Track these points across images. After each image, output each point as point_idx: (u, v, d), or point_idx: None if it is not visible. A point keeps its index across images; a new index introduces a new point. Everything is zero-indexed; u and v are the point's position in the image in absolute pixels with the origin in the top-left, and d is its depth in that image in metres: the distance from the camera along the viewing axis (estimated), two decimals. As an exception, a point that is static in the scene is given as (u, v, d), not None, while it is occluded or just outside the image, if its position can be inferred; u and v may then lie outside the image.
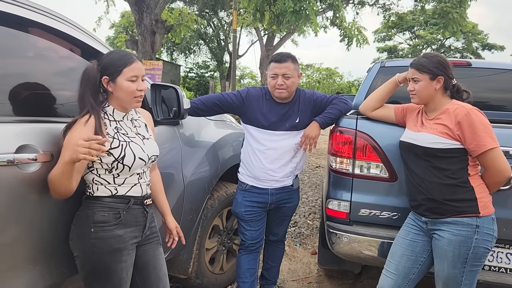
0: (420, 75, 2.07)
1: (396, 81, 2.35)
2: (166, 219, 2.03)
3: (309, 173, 7.46)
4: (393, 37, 33.47)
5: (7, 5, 1.58)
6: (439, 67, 2.06)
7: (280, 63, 2.43)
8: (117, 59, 1.69)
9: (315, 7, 13.05)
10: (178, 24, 16.42)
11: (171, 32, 16.44)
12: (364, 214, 2.42)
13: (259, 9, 13.86)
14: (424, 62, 2.08)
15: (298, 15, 12.42)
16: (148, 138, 1.83)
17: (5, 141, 1.48)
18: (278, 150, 2.53)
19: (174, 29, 16.29)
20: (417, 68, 2.09)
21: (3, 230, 1.48)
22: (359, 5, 18.76)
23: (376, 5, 19.14)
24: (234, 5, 16.26)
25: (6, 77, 1.64)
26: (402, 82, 2.34)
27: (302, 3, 12.16)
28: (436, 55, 2.11)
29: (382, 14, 19.78)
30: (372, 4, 19.03)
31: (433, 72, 2.05)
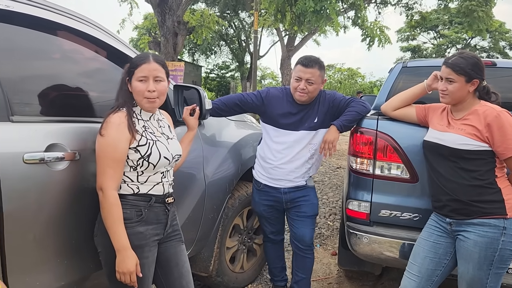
0: (456, 76, 1.99)
1: (425, 87, 2.29)
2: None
3: (329, 174, 7.43)
4: (417, 37, 32.88)
5: (39, 10, 1.65)
6: (475, 69, 1.99)
7: (306, 68, 2.43)
8: (134, 60, 1.76)
9: (336, 7, 12.94)
10: (199, 25, 16.58)
11: (192, 34, 16.61)
12: (384, 215, 2.41)
13: (280, 10, 13.84)
14: (461, 63, 1.99)
15: (319, 15, 12.34)
16: (172, 138, 1.88)
17: (35, 140, 1.54)
18: (294, 150, 2.55)
19: (195, 30, 16.45)
20: (453, 69, 2.00)
21: (34, 226, 1.54)
22: (381, 4, 18.53)
23: (399, 4, 18.86)
24: (255, 6, 16.28)
25: (37, 79, 1.72)
26: (430, 90, 2.28)
27: (323, 3, 12.08)
28: (474, 56, 2.02)
29: (405, 13, 19.48)
30: (395, 3, 18.76)
31: (470, 74, 1.98)
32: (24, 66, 1.69)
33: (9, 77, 1.53)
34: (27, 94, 1.66)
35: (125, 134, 1.66)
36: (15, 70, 1.61)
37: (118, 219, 1.63)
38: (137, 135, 1.70)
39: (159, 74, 1.74)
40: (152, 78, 1.72)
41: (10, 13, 1.54)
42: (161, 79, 1.75)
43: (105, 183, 1.62)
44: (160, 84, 1.75)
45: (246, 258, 3.08)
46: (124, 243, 1.63)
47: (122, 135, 1.65)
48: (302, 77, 2.43)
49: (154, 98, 1.73)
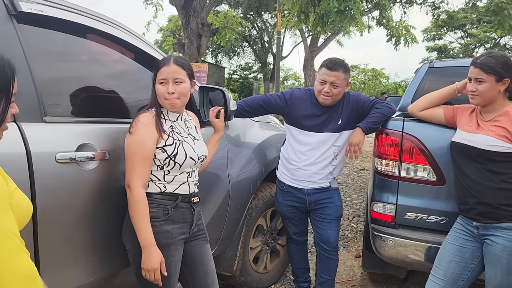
0: (486, 76, 1.95)
1: (455, 89, 2.25)
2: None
3: (353, 176, 7.36)
4: (443, 36, 32.16)
5: (71, 14, 1.71)
6: (506, 68, 1.95)
7: (330, 71, 2.41)
8: (156, 64, 1.80)
9: (361, 7, 12.80)
10: (223, 27, 16.71)
11: (216, 35, 16.76)
12: (410, 217, 2.38)
13: (303, 11, 13.78)
14: (490, 62, 1.95)
15: (343, 15, 12.23)
16: (198, 139, 1.91)
17: (67, 140, 1.60)
18: (318, 152, 2.54)
19: (219, 32, 16.59)
20: (482, 69, 1.96)
21: (65, 224, 1.59)
22: (406, 4, 18.23)
23: (425, 3, 18.51)
24: (279, 7, 16.30)
25: (68, 81, 1.78)
26: (461, 92, 2.24)
27: (347, 3, 11.96)
28: (503, 55, 1.99)
29: (431, 12, 19.10)
30: (421, 2, 18.42)
31: (500, 73, 1.94)
32: (57, 68, 1.76)
33: (42, 79, 1.58)
34: (59, 96, 1.73)
35: (152, 133, 1.70)
36: (48, 73, 1.67)
37: (143, 216, 1.67)
38: (164, 135, 1.74)
39: (179, 76, 1.76)
40: (172, 80, 1.75)
41: (44, 17, 1.60)
42: (181, 81, 1.77)
43: (133, 180, 1.67)
44: (180, 85, 1.77)
45: (270, 258, 3.09)
46: (149, 240, 1.66)
47: (150, 134, 1.70)
48: (327, 80, 2.42)
49: (174, 100, 1.76)
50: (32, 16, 1.56)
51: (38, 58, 1.60)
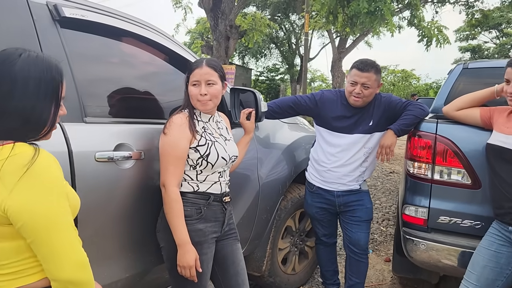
0: None
1: (494, 92, 2.20)
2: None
3: (382, 179, 7.26)
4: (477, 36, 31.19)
5: (110, 19, 1.78)
6: None
7: (362, 72, 2.40)
8: (189, 66, 1.85)
9: (391, 7, 12.59)
10: (251, 29, 16.79)
11: (244, 37, 16.85)
12: (443, 221, 2.34)
13: (332, 12, 13.70)
14: None
15: (373, 16, 12.08)
16: (229, 140, 1.94)
17: (106, 140, 1.66)
18: (349, 154, 2.53)
19: (247, 34, 16.68)
20: None
21: (103, 221, 1.65)
22: (439, 3, 17.80)
23: (458, 2, 18.03)
24: (306, 8, 16.23)
25: (106, 82, 1.84)
26: (500, 95, 2.19)
27: (377, 3, 11.79)
28: None
29: (465, 11, 18.58)
30: (454, 1, 17.96)
31: None
32: (96, 71, 1.83)
33: (83, 82, 1.65)
34: (97, 97, 1.79)
35: (186, 134, 1.75)
36: (88, 75, 1.73)
37: (178, 214, 1.71)
38: (197, 135, 1.78)
39: (211, 78, 1.80)
40: (204, 82, 1.79)
41: (85, 22, 1.66)
42: (213, 83, 1.81)
43: (167, 179, 1.71)
44: (212, 87, 1.80)
45: (298, 260, 3.09)
46: (184, 238, 1.71)
47: (183, 135, 1.74)
48: (358, 81, 2.40)
49: (206, 101, 1.80)
50: (74, 21, 1.63)
51: (78, 61, 1.66)
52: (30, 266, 1.08)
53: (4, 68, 1.03)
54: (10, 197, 0.98)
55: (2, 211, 0.99)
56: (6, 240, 1.04)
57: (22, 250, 1.06)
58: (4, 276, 1.07)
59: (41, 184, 1.01)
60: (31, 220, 1.00)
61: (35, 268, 1.09)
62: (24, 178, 0.99)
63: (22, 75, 1.03)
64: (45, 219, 1.02)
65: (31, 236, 1.02)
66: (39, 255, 1.05)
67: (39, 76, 1.05)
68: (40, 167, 1.02)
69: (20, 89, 1.03)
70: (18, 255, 1.06)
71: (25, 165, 0.99)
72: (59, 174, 1.08)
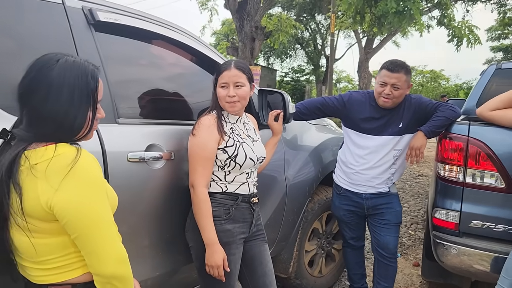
0: None
1: None
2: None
3: (410, 182, 7.12)
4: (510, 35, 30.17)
5: (142, 22, 1.82)
6: None
7: (392, 72, 2.36)
8: (218, 68, 1.87)
9: (420, 6, 12.32)
10: (276, 30, 16.79)
11: (269, 38, 16.87)
12: (476, 226, 2.28)
13: (359, 12, 13.53)
14: None
15: (401, 16, 11.85)
16: (257, 141, 1.95)
17: (137, 140, 1.69)
18: (377, 156, 2.49)
19: (272, 35, 16.69)
20: None
21: (134, 220, 1.69)
22: (470, 1, 17.32)
23: (490, 1, 17.50)
24: (333, 8, 16.11)
25: (138, 84, 1.88)
26: None
27: (406, 3, 11.57)
28: None
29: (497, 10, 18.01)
30: (485, 0, 17.44)
31: None
32: (128, 73, 1.87)
33: (116, 84, 1.69)
34: (129, 99, 1.84)
35: (214, 135, 1.77)
36: (120, 77, 1.78)
37: (207, 214, 1.73)
38: (225, 136, 1.80)
39: (240, 80, 1.82)
40: (233, 84, 1.81)
41: (118, 25, 1.71)
42: (242, 85, 1.82)
43: (196, 180, 1.74)
44: (240, 89, 1.82)
45: (325, 262, 3.07)
46: (212, 238, 1.73)
47: (211, 136, 1.76)
48: (388, 82, 2.37)
49: (235, 102, 1.82)
50: (107, 25, 1.67)
51: (111, 63, 1.71)
52: (74, 261, 1.13)
53: (42, 73, 1.07)
54: (55, 195, 1.02)
55: (48, 208, 1.03)
56: (52, 236, 1.09)
57: (67, 246, 1.10)
58: (50, 271, 1.12)
59: (84, 183, 1.05)
60: (76, 217, 1.04)
61: (78, 263, 1.13)
62: (68, 177, 1.03)
63: (58, 80, 1.07)
64: (88, 216, 1.06)
65: (75, 232, 1.06)
66: (83, 250, 1.09)
67: (73, 82, 1.09)
68: (82, 167, 1.05)
69: (54, 94, 1.07)
70: (63, 250, 1.11)
71: (68, 164, 1.03)
72: (99, 173, 1.12)
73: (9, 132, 1.11)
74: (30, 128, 1.08)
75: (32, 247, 1.09)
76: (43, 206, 1.03)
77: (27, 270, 1.14)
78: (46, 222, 1.06)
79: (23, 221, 1.05)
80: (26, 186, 1.04)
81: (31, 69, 1.08)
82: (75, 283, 1.13)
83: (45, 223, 1.07)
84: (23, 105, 1.09)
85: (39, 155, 1.05)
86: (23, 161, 1.05)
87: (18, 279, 1.19)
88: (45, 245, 1.09)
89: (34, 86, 1.06)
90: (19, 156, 1.05)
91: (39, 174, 1.03)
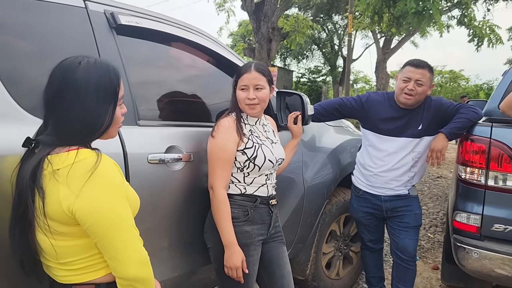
0: None
1: None
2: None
3: (429, 184, 7.02)
4: (533, 35, 29.45)
5: (163, 25, 1.84)
6: None
7: (416, 68, 2.35)
8: (238, 70, 1.88)
9: (440, 5, 12.10)
10: (293, 30, 16.76)
11: (286, 39, 16.84)
12: (498, 229, 2.23)
13: (377, 12, 13.37)
14: None
15: (420, 16, 11.66)
16: (276, 142, 1.95)
17: (157, 142, 1.71)
18: (396, 158, 2.47)
19: (289, 35, 16.66)
20: None
21: (155, 221, 1.71)
22: (490, 0, 16.97)
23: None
24: (350, 8, 15.99)
25: (158, 87, 1.91)
26: None
27: (425, 3, 11.38)
28: None
29: (519, 9, 17.56)
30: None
31: None
32: (148, 75, 1.89)
33: (137, 86, 1.72)
34: (150, 101, 1.86)
35: (233, 137, 1.78)
36: (141, 80, 1.80)
37: (226, 216, 1.74)
38: (245, 138, 1.81)
39: (260, 83, 1.83)
40: (253, 86, 1.82)
41: (139, 29, 1.74)
42: (262, 87, 1.83)
43: (215, 181, 1.75)
44: (260, 92, 1.83)
45: (342, 265, 3.05)
46: (231, 239, 1.73)
47: (231, 138, 1.77)
48: (412, 77, 2.34)
49: (254, 105, 1.83)
50: (129, 28, 1.70)
51: (132, 66, 1.73)
52: (97, 262, 1.15)
53: (68, 77, 1.10)
54: (77, 201, 1.05)
55: (70, 213, 1.06)
56: (75, 238, 1.11)
57: (90, 247, 1.13)
58: (75, 271, 1.14)
59: (104, 188, 1.07)
60: (96, 222, 1.07)
61: (101, 264, 1.15)
62: (88, 183, 1.05)
63: (84, 82, 1.10)
64: (109, 221, 1.08)
65: (97, 236, 1.08)
66: (105, 254, 1.11)
67: (98, 80, 1.11)
68: (102, 172, 1.07)
69: (82, 95, 1.09)
70: (86, 252, 1.13)
71: (89, 170, 1.05)
72: (120, 178, 1.14)
73: (33, 140, 1.14)
74: (54, 132, 1.11)
75: (54, 249, 1.12)
76: (64, 211, 1.06)
77: (53, 270, 1.17)
78: (69, 226, 1.09)
79: (45, 224, 1.08)
80: (49, 190, 1.07)
81: (55, 75, 1.11)
82: (98, 283, 1.16)
83: (67, 227, 1.09)
84: (51, 111, 1.12)
85: (62, 160, 1.08)
86: (46, 165, 1.07)
87: (44, 279, 1.22)
88: (69, 247, 1.12)
89: (61, 91, 1.09)
90: (42, 161, 1.08)
91: (61, 179, 1.06)
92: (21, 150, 1.15)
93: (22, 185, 1.09)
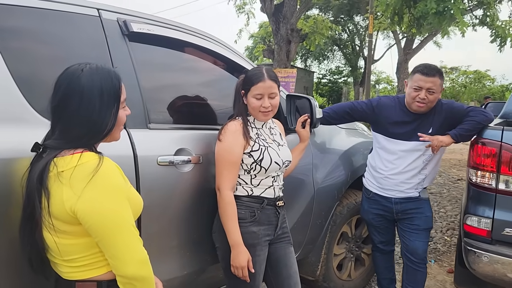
0: None
1: None
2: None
3: (448, 186, 6.91)
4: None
5: (174, 32, 1.91)
6: None
7: (427, 76, 2.33)
8: (249, 77, 1.90)
9: (461, 5, 11.86)
10: (312, 32, 16.72)
11: (305, 40, 16.81)
12: (509, 234, 2.22)
13: (397, 13, 13.21)
14: None
15: (441, 17, 11.45)
16: (282, 145, 1.99)
17: (167, 145, 1.78)
18: (406, 161, 2.47)
19: (308, 37, 16.63)
20: None
21: (164, 221, 1.77)
22: (515, -1, 16.51)
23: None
24: (371, 9, 15.86)
25: (168, 91, 1.98)
26: None
27: (446, 3, 11.18)
28: None
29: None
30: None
31: None
32: (159, 80, 1.96)
33: (148, 91, 1.79)
34: (160, 105, 1.93)
35: (240, 140, 1.83)
36: (151, 84, 1.87)
37: (232, 217, 1.79)
38: (251, 141, 1.86)
39: (274, 91, 1.88)
40: (267, 95, 1.87)
41: (150, 35, 1.80)
42: (275, 95, 1.89)
43: (222, 183, 1.80)
44: (274, 99, 1.89)
45: (354, 266, 3.06)
46: (237, 239, 1.78)
47: (237, 141, 1.82)
48: (423, 86, 2.34)
49: (268, 112, 1.88)
50: (140, 35, 1.77)
51: (144, 71, 1.80)
52: (99, 260, 1.21)
53: (73, 82, 1.17)
54: (78, 202, 1.11)
55: (72, 213, 1.12)
56: (77, 237, 1.18)
57: (91, 246, 1.19)
58: (77, 268, 1.21)
59: (104, 190, 1.13)
60: (97, 222, 1.13)
61: (103, 262, 1.21)
62: (89, 185, 1.11)
63: (88, 86, 1.17)
64: (110, 221, 1.14)
65: (98, 236, 1.15)
66: (106, 253, 1.17)
67: (101, 84, 1.18)
68: (103, 175, 1.14)
69: (87, 99, 1.16)
70: (87, 250, 1.19)
71: (90, 173, 1.12)
72: (121, 180, 1.20)
73: (41, 146, 1.20)
74: (62, 136, 1.18)
75: (57, 247, 1.18)
76: (67, 211, 1.12)
77: (58, 267, 1.24)
78: (71, 225, 1.15)
79: (50, 223, 1.14)
80: (53, 191, 1.13)
81: (61, 83, 1.18)
82: (100, 280, 1.21)
83: (70, 226, 1.15)
84: (58, 116, 1.19)
85: (66, 162, 1.14)
86: (52, 167, 1.14)
87: (51, 277, 1.29)
88: (71, 245, 1.18)
89: (67, 96, 1.16)
90: (49, 163, 1.14)
91: (64, 181, 1.12)
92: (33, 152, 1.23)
93: (30, 187, 1.16)
